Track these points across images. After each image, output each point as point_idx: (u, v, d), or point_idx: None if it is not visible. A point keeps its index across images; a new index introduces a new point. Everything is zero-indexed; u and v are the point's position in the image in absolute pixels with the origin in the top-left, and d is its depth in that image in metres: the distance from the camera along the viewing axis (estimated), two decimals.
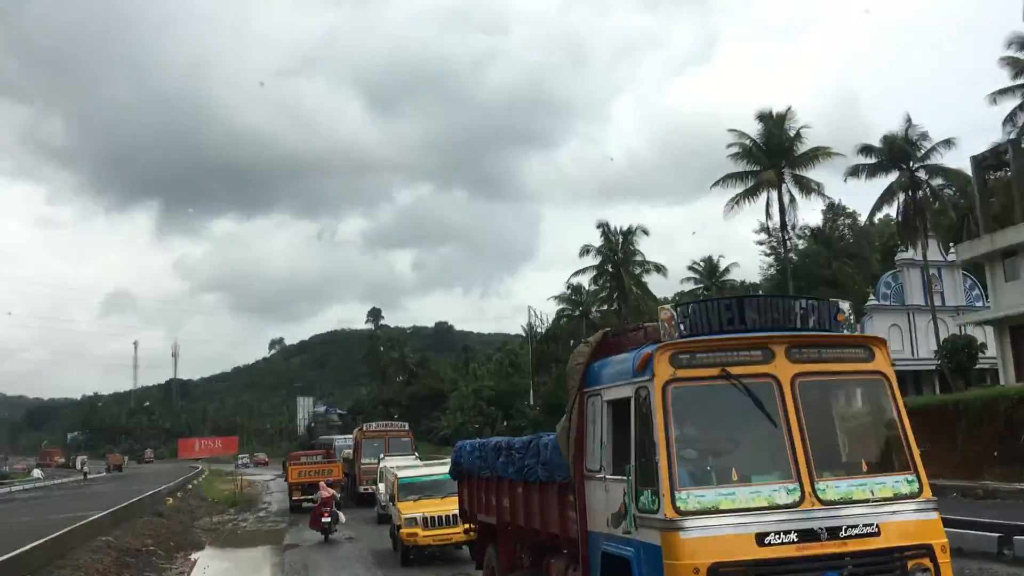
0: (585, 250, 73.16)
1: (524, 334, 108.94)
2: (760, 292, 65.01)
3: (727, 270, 78.67)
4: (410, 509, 19.88)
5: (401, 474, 22.28)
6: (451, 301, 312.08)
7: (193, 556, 24.10)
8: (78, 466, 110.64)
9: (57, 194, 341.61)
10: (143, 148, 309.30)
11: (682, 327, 7.59)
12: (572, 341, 78.69)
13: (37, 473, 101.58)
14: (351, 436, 42.43)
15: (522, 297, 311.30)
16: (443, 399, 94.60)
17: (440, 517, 18.95)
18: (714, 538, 6.67)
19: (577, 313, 78.26)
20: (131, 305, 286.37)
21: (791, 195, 48.75)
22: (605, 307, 77.07)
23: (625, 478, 7.34)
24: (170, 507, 37.12)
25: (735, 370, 7.20)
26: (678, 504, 6.76)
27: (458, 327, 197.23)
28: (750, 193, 48.85)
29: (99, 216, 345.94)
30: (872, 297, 56.20)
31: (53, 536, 20.15)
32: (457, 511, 17.54)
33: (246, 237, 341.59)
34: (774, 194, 48.63)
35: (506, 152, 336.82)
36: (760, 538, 6.72)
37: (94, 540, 22.94)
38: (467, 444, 12.86)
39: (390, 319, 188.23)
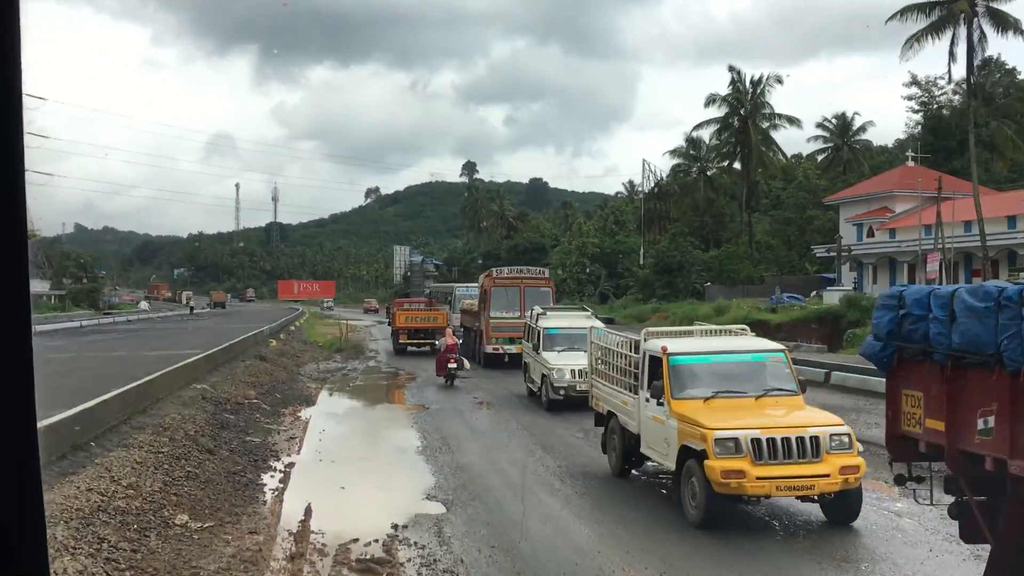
0: (711, 99, 65.74)
1: (626, 191, 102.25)
2: (909, 151, 56.89)
3: (863, 128, 70.08)
4: (716, 418, 10.09)
5: (675, 347, 11.53)
6: (543, 159, 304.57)
7: (303, 414, 19.38)
8: (184, 301, 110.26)
9: (161, 36, 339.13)
10: None
11: None
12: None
13: (144, 305, 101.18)
14: (473, 284, 37.36)
15: (615, 158, 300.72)
16: (543, 254, 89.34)
17: (786, 441, 9.72)
18: None
19: (695, 169, 71.11)
20: (232, 149, 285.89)
21: (981, 31, 40.25)
22: (726, 163, 69.74)
23: None
24: (274, 350, 32.89)
25: None
26: None
27: (552, 185, 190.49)
28: (935, 28, 40.49)
29: (200, 60, 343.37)
30: None
31: (133, 386, 15.27)
32: (814, 430, 9.79)
33: (342, 86, 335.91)
34: (961, 31, 40.17)
35: (605, 5, 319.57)
36: None
37: (188, 388, 18.28)
38: (941, 293, 6.06)
39: (483, 174, 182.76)
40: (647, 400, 11.47)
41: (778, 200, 78.07)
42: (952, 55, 40.92)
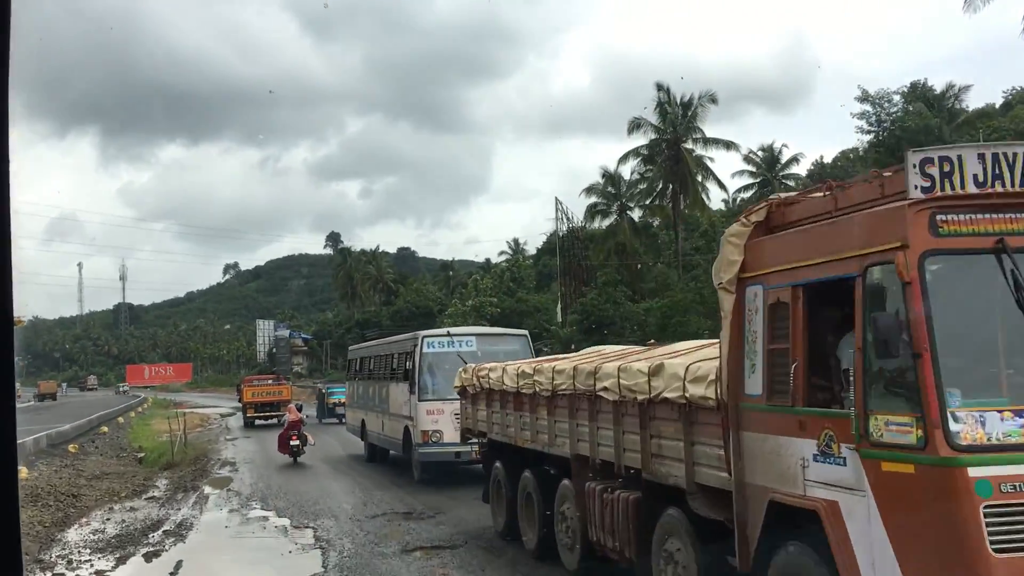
0: (635, 124, 52.05)
1: (510, 250, 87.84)
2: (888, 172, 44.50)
3: (795, 160, 58.30)
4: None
5: None
6: (404, 231, 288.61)
7: None
8: None
9: None
10: (77, 71, 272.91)
11: None
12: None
13: None
14: (461, 337, 16.42)
15: (475, 229, 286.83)
16: (431, 319, 73.21)
17: None
18: None
19: (615, 209, 57.16)
20: (78, 233, 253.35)
21: None
22: (650, 200, 56.12)
23: None
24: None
25: None
26: None
27: (420, 254, 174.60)
28: None
29: (37, 143, 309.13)
30: None
31: None
32: None
33: (192, 164, 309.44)
34: None
35: (450, 83, 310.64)
36: None
37: None
38: None
39: (347, 245, 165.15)
40: None
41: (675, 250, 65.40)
42: None
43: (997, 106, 57.43)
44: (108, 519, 14.38)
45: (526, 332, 16.39)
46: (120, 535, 12.86)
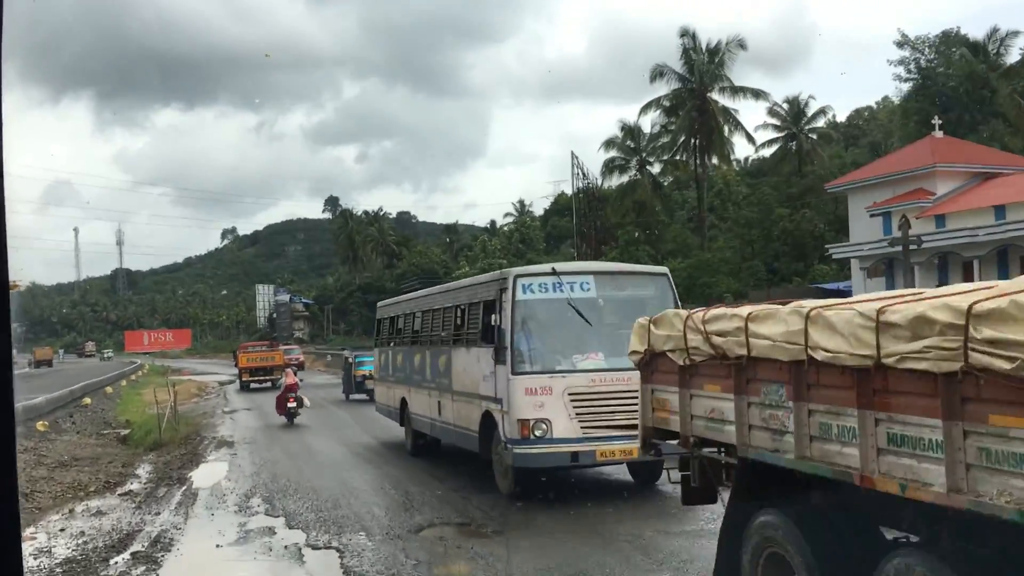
0: (658, 72, 47.98)
1: (515, 211, 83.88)
2: (936, 119, 40.60)
3: (823, 111, 54.21)
4: None
5: None
6: (401, 195, 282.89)
7: None
8: None
9: None
10: (70, 35, 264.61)
11: None
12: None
13: None
14: None
15: (473, 193, 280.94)
16: (437, 283, 69.53)
17: None
18: None
19: (634, 163, 53.16)
20: (74, 198, 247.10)
21: None
22: (672, 154, 52.14)
23: None
24: None
25: None
26: None
27: (420, 218, 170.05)
28: None
29: (33, 109, 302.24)
30: None
31: None
32: None
33: (188, 129, 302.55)
34: None
35: (447, 46, 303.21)
36: None
37: None
38: None
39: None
40: None
41: (695, 210, 61.60)
42: None
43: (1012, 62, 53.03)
44: (63, 529, 10.74)
45: (666, 271, 11.82)
46: (71, 559, 9.19)
